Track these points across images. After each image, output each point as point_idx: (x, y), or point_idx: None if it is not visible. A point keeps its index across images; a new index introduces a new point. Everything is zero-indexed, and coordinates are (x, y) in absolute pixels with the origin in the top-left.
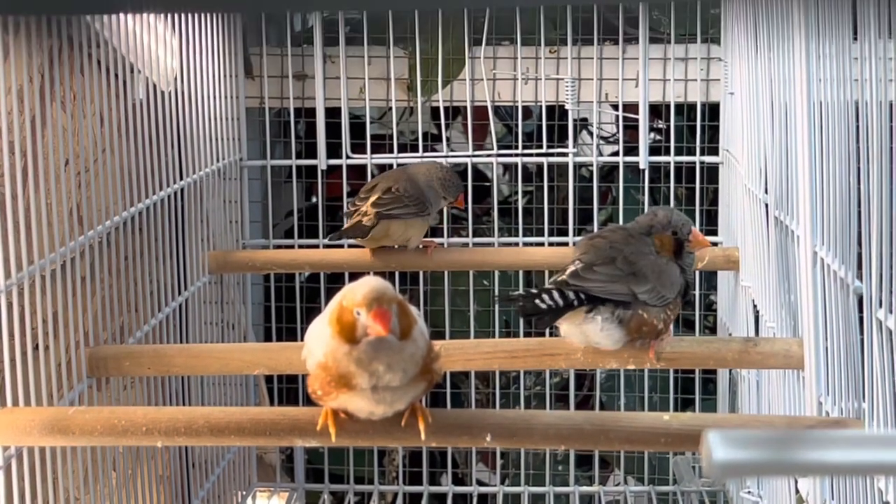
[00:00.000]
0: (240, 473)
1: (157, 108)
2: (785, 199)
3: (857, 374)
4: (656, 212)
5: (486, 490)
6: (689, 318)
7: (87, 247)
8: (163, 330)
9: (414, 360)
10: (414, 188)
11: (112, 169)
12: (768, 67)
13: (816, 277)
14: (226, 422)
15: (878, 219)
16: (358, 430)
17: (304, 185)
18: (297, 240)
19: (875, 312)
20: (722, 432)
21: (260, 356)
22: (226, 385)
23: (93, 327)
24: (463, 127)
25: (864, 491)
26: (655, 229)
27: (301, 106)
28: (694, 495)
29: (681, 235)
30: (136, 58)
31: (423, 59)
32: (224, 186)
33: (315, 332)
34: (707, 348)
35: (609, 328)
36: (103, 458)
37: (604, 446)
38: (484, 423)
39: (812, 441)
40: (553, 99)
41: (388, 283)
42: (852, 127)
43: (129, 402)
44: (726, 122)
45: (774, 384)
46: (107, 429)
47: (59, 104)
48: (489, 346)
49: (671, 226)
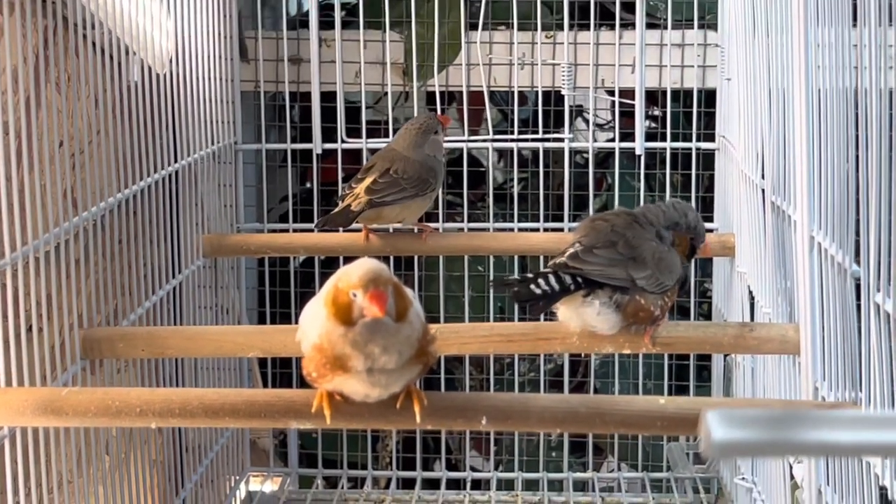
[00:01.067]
0: (233, 458)
1: (151, 90)
2: (782, 185)
3: (854, 359)
4: (687, 212)
5: (480, 476)
6: (684, 304)
7: (80, 229)
8: (156, 313)
9: (409, 343)
10: (413, 167)
11: (106, 151)
12: (766, 52)
13: (813, 262)
14: (220, 403)
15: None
16: (353, 412)
17: (299, 169)
18: (291, 224)
19: (873, 296)
20: (721, 412)
21: (254, 339)
22: (219, 369)
23: (86, 310)
24: (458, 112)
25: (860, 476)
26: (681, 228)
27: (296, 90)
28: (688, 482)
29: (696, 242)
30: (131, 40)
31: (419, 43)
32: (218, 170)
33: (310, 314)
34: (703, 333)
35: (606, 312)
36: (96, 441)
37: (599, 429)
38: (479, 405)
39: (811, 421)
40: (549, 84)
41: (384, 265)
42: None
43: (123, 385)
44: (723, 109)
45: (770, 370)
46: (100, 409)
47: (54, 85)
48: (485, 330)
49: (695, 231)
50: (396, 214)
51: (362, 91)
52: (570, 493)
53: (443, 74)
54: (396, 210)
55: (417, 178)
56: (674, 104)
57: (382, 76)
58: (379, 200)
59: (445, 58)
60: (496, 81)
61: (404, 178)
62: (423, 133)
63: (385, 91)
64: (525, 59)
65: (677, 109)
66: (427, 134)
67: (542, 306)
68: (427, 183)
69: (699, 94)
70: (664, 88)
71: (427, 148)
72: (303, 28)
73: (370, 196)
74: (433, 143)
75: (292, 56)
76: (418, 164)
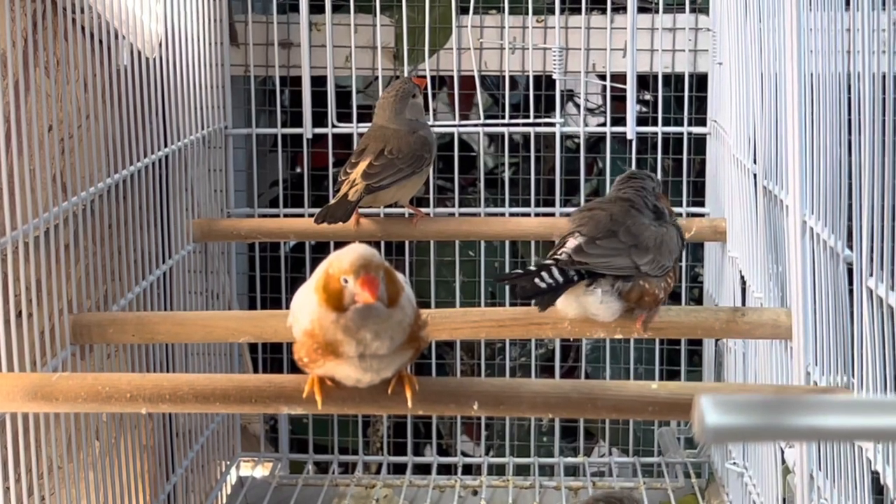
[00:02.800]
0: (224, 443)
1: (141, 74)
2: (774, 169)
3: (846, 344)
4: (644, 177)
5: (471, 461)
6: (675, 290)
7: (70, 214)
8: (146, 299)
9: (401, 328)
10: (406, 144)
11: (96, 135)
12: (758, 36)
13: (805, 246)
14: (211, 388)
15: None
16: (344, 397)
17: (289, 154)
18: (282, 209)
19: (866, 280)
20: (714, 396)
21: (245, 324)
22: (210, 355)
23: (76, 295)
24: (448, 98)
25: (852, 461)
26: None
27: (286, 74)
28: (678, 466)
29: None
30: (121, 23)
31: (409, 27)
32: (208, 155)
33: (301, 300)
34: (695, 318)
35: (609, 300)
36: (87, 427)
37: (591, 415)
38: (471, 391)
39: (805, 406)
40: (540, 69)
41: (375, 251)
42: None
43: (112, 370)
44: (714, 93)
45: (761, 355)
46: (91, 395)
47: (43, 69)
48: (476, 315)
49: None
50: (392, 195)
51: (353, 75)
52: (562, 477)
53: (433, 59)
54: (392, 191)
55: (412, 154)
56: (665, 89)
57: (373, 60)
58: (377, 185)
59: (436, 42)
60: (487, 66)
61: (399, 158)
62: (402, 99)
63: (375, 75)
64: (516, 44)
65: (669, 94)
66: (405, 99)
67: (547, 300)
68: (422, 159)
69: (691, 78)
70: (655, 73)
71: (408, 112)
72: (293, 12)
73: (367, 181)
74: (413, 107)
75: (282, 40)
76: (410, 138)
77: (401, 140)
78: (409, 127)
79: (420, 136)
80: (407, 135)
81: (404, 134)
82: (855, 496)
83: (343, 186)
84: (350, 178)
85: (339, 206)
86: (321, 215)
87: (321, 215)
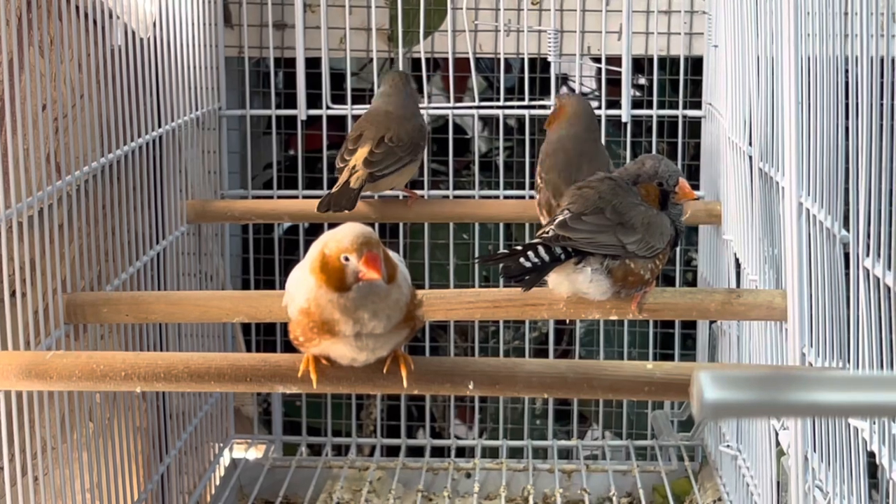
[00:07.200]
0: (217, 425)
1: (135, 54)
2: (770, 151)
3: (842, 325)
4: (644, 161)
5: (464, 444)
6: (669, 273)
7: (64, 193)
8: (140, 280)
9: (398, 307)
10: (405, 131)
11: (90, 115)
12: (755, 19)
13: (802, 228)
14: (206, 367)
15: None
16: (339, 376)
17: (284, 136)
18: (276, 191)
19: (862, 261)
20: (713, 372)
21: (240, 304)
22: (203, 336)
23: (70, 274)
24: (442, 81)
25: (848, 441)
26: (642, 178)
27: (281, 56)
28: (672, 449)
29: (666, 187)
30: (115, 3)
31: (404, 9)
32: (202, 136)
33: (296, 279)
34: (690, 299)
35: (598, 279)
36: (80, 407)
37: (587, 395)
38: (466, 370)
39: (805, 381)
40: (535, 51)
41: (370, 228)
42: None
43: (107, 350)
44: (709, 76)
45: (756, 337)
46: (85, 373)
47: (37, 48)
48: (471, 296)
49: (657, 176)
50: (390, 182)
51: (347, 57)
52: (555, 460)
53: (428, 41)
54: (392, 178)
55: (410, 142)
56: (660, 71)
57: (367, 42)
58: (380, 174)
59: (431, 24)
60: (482, 48)
61: (399, 146)
62: (407, 82)
63: (370, 57)
64: (511, 26)
65: (664, 77)
66: (409, 83)
67: (531, 279)
68: (419, 147)
69: (686, 61)
70: (651, 55)
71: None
72: None
73: (370, 169)
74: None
75: (277, 21)
76: (408, 125)
77: (400, 127)
78: (411, 112)
79: (417, 124)
80: (406, 122)
81: (404, 121)
82: (850, 478)
83: (343, 173)
84: (350, 165)
85: (342, 194)
86: (325, 203)
87: (325, 203)
